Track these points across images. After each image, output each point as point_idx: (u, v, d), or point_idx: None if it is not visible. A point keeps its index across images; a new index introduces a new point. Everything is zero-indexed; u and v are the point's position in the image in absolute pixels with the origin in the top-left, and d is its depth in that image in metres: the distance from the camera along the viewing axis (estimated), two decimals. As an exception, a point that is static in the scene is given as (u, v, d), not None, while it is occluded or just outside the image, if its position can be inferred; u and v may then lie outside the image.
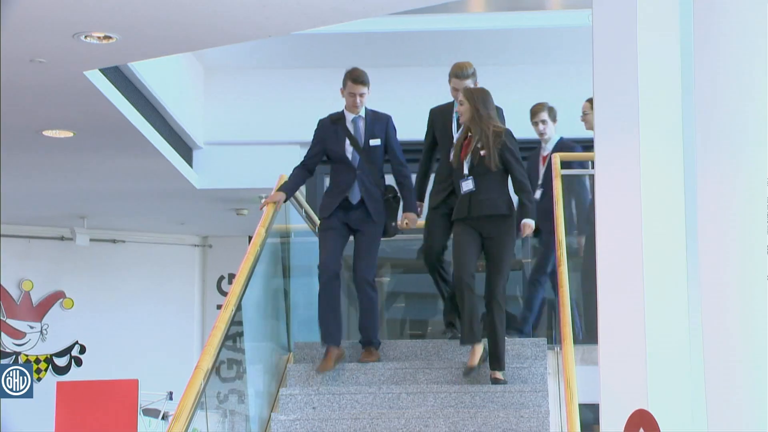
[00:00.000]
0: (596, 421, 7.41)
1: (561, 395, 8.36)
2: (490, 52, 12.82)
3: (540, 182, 10.12)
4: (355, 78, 8.84)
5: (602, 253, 7.73)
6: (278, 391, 9.37)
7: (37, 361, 14.73)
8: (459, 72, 9.35)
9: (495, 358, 8.54)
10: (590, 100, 9.80)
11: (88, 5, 8.57)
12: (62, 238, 14.95)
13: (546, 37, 12.59)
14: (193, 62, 12.63)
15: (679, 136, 7.78)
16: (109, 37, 9.05)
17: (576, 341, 9.05)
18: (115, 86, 10.59)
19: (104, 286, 14.96)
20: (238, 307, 8.38)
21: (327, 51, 12.64)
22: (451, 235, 9.02)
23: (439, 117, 9.66)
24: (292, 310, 10.43)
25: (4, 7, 8.34)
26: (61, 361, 14.74)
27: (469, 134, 8.78)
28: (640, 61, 7.74)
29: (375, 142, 8.82)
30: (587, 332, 9.75)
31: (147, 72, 11.11)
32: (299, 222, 10.84)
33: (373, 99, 12.71)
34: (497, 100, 12.62)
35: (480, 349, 8.53)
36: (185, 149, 12.93)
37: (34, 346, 14.79)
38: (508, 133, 8.86)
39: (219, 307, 8.98)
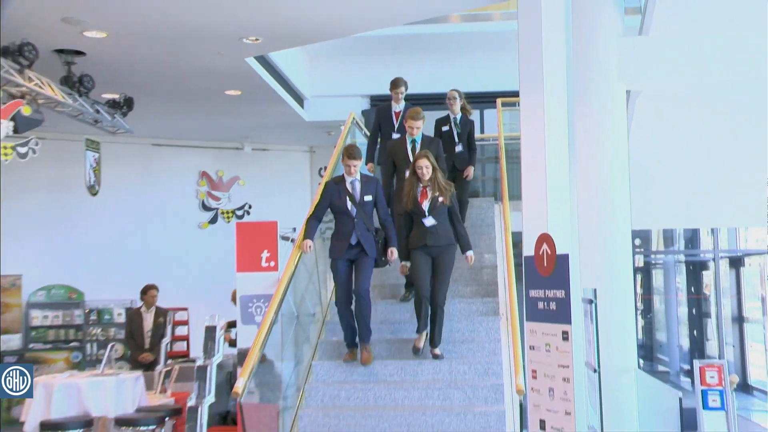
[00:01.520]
0: (521, 240, 7.48)
1: (502, 227, 8.39)
2: (463, 46, 12.74)
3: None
4: (349, 154, 7.06)
5: (527, 157, 7.71)
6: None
7: (227, 213, 14.91)
8: (415, 115, 7.81)
9: (433, 340, 7.13)
10: (455, 90, 9.01)
11: (246, 23, 8.63)
12: (236, 148, 15.01)
13: (491, 37, 12.32)
14: (301, 51, 12.50)
15: (564, 86, 7.77)
16: (258, 39, 9.10)
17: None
18: (261, 65, 10.62)
19: (259, 172, 14.90)
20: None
21: (375, 45, 12.52)
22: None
23: (398, 149, 8.00)
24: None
25: (198, 22, 8.44)
26: (239, 213, 14.85)
27: (425, 185, 7.13)
28: (544, 50, 7.64)
29: (368, 198, 7.09)
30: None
31: (278, 57, 11.10)
32: (360, 137, 10.61)
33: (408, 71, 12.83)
34: (464, 74, 12.81)
35: (424, 336, 7.04)
36: (300, 100, 12.89)
37: (226, 205, 14.96)
38: (451, 183, 7.35)
39: (319, 184, 9.01)
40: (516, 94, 8.02)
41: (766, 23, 7.48)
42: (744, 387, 12.80)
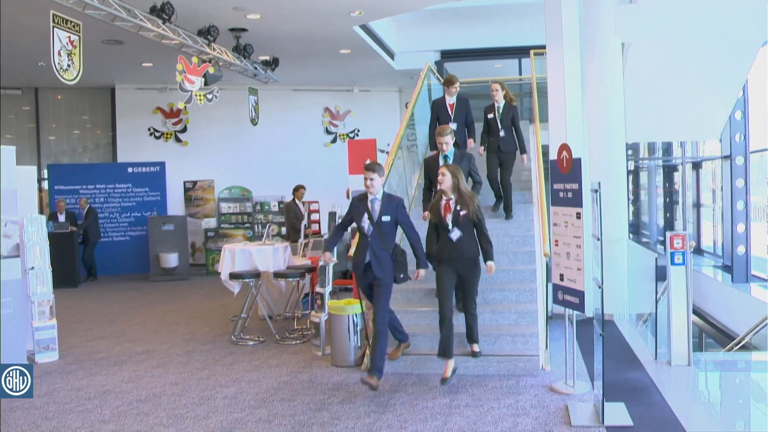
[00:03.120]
0: (547, 151, 7.28)
1: (535, 140, 8.06)
2: (506, 13, 12.07)
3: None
4: (366, 167, 5.06)
5: (551, 91, 7.51)
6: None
7: (343, 135, 14.59)
8: (442, 132, 5.96)
9: (471, 337, 5.35)
10: (496, 81, 7.39)
11: (353, 2, 8.38)
12: (348, 90, 14.61)
13: (526, 7, 11.64)
14: (391, 20, 11.91)
15: (577, 40, 7.46)
16: (361, 13, 8.85)
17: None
18: (364, 31, 10.25)
19: (364, 106, 14.68)
20: (412, 113, 8.22)
21: (443, 14, 11.89)
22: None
23: (431, 164, 6.06)
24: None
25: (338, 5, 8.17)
26: (351, 135, 14.51)
27: (449, 198, 5.13)
28: (563, 15, 7.46)
29: (386, 218, 5.01)
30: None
31: (375, 25, 10.75)
32: (433, 79, 10.06)
33: (471, 26, 12.14)
34: (507, 34, 12.06)
35: (452, 363, 5.00)
36: (391, 54, 12.38)
37: (342, 129, 14.63)
38: (474, 195, 5.34)
39: (406, 105, 8.75)
40: (543, 46, 7.80)
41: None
42: (698, 250, 12.71)
